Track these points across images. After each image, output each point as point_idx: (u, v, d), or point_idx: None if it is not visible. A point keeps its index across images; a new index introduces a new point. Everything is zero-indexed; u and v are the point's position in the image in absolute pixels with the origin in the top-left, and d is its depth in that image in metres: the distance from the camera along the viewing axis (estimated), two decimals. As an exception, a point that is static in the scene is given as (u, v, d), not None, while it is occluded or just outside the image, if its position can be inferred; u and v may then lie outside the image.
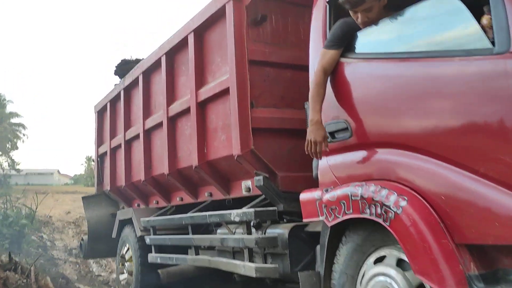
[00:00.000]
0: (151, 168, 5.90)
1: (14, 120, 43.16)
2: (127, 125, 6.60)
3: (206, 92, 4.50)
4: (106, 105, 7.52)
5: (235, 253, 4.36)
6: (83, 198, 7.85)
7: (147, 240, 5.75)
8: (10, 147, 42.18)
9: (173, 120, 5.26)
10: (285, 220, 3.97)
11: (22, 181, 37.85)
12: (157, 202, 6.28)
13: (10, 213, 11.10)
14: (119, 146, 6.92)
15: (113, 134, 7.24)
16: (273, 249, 3.79)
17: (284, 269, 3.66)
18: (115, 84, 7.24)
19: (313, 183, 3.20)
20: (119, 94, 6.88)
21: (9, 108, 42.31)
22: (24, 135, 43.78)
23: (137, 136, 6.25)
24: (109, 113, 7.35)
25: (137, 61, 6.81)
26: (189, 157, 4.89)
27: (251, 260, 3.88)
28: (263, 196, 3.98)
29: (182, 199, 5.60)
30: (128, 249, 6.40)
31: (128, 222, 6.51)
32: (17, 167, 40.76)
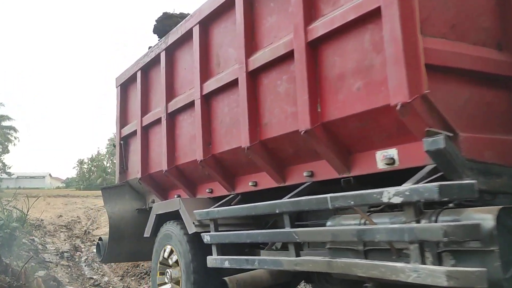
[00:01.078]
0: (211, 145, 4.54)
1: (5, 123, 41.69)
2: (171, 94, 5.24)
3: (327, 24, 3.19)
4: (134, 75, 6.14)
5: (370, 252, 3.04)
6: (103, 189, 6.42)
7: (206, 238, 4.38)
8: (1, 150, 41.03)
9: (254, 75, 3.93)
10: (452, 203, 2.69)
11: (14, 185, 37.55)
12: (211, 191, 4.92)
13: (1, 216, 10.33)
14: (156, 122, 5.55)
15: (145, 109, 5.87)
16: (458, 245, 2.50)
17: (492, 275, 2.36)
18: (150, 47, 5.87)
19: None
20: (157, 57, 5.51)
21: (0, 111, 40.92)
22: (15, 138, 42.66)
23: (188, 106, 4.90)
24: (139, 85, 5.96)
25: (182, 15, 5.48)
26: (287, 121, 3.57)
27: (423, 260, 2.57)
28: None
29: (256, 184, 4.26)
30: (171, 251, 5.00)
31: (170, 216, 5.13)
32: (8, 170, 40.05)
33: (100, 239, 6.41)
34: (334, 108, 3.19)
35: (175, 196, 5.50)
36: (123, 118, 6.60)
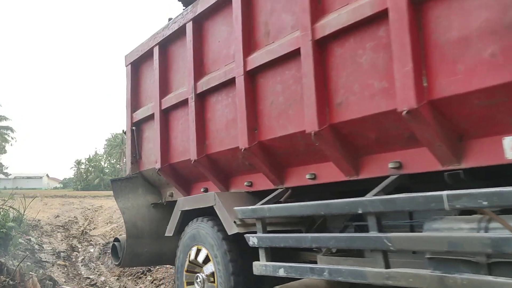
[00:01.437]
0: (257, 130, 3.82)
1: (2, 123, 40.62)
2: (200, 71, 4.50)
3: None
4: (150, 51, 5.37)
5: (497, 266, 2.37)
6: (113, 181, 5.65)
7: (253, 240, 3.69)
8: (-2, 150, 40.33)
9: (323, 44, 3.21)
10: None
11: (11, 185, 37.30)
12: (251, 184, 4.21)
13: (-3, 216, 9.99)
14: (181, 105, 4.80)
15: (165, 90, 5.11)
16: None
17: None
18: (170, 19, 5.11)
19: None
20: (181, 29, 4.75)
21: (-3, 111, 40.27)
22: (12, 138, 41.77)
23: (224, 85, 4.17)
24: (157, 62, 5.19)
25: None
26: (373, 99, 2.87)
27: None
28: None
29: (315, 177, 3.56)
30: (201, 253, 4.30)
31: (199, 213, 4.42)
32: (5, 171, 39.47)
33: (116, 239, 5.65)
34: (449, 82, 2.49)
35: (202, 190, 4.79)
36: (134, 101, 5.83)
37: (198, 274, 4.32)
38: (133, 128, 5.73)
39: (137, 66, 5.81)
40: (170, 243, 5.51)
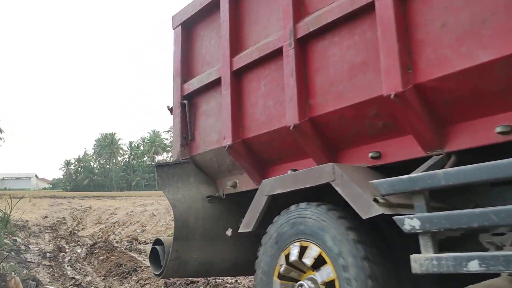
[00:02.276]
0: (411, 70, 2.73)
1: None
2: (301, 10, 3.42)
3: None
4: (212, 3, 4.29)
5: None
6: (158, 166, 4.44)
7: (412, 224, 2.54)
8: (-15, 151, 39.76)
9: None
10: None
11: None
12: (379, 155, 3.09)
13: (-18, 216, 9.78)
14: (264, 60, 3.72)
15: (237, 47, 4.03)
16: None
17: None
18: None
19: None
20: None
21: (-17, 111, 39.53)
22: (0, 138, 40.60)
23: (346, 19, 3.08)
24: (226, 13, 4.10)
25: None
26: None
27: None
28: None
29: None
30: (318, 255, 3.04)
31: (292, 198, 3.26)
32: None
33: (157, 241, 4.40)
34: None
35: (289, 171, 3.63)
36: (186, 69, 4.70)
37: (302, 282, 3.11)
38: (184, 102, 4.57)
39: (189, 26, 4.72)
40: (224, 250, 4.32)
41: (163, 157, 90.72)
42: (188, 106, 4.56)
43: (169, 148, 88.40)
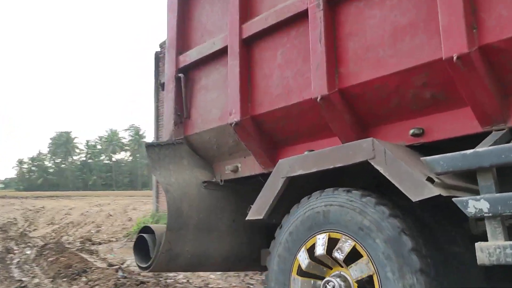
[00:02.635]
0: (476, 29, 2.35)
1: None
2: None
3: None
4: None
5: None
6: (148, 146, 3.91)
7: (478, 206, 2.17)
8: None
9: None
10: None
11: None
12: (421, 132, 2.69)
13: None
14: (283, 25, 3.27)
15: (246, 12, 3.56)
16: None
17: None
18: None
19: None
20: None
21: None
22: None
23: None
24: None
25: None
26: None
27: None
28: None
29: None
30: (352, 247, 2.58)
31: (311, 183, 2.82)
32: None
33: (146, 229, 3.86)
34: None
35: (305, 153, 3.19)
36: (182, 40, 4.19)
37: (329, 278, 2.66)
38: (180, 75, 4.06)
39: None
40: (219, 243, 3.85)
41: (121, 156, 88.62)
42: (184, 80, 4.05)
43: (127, 147, 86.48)
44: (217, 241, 3.85)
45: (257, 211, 3.14)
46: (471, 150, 2.20)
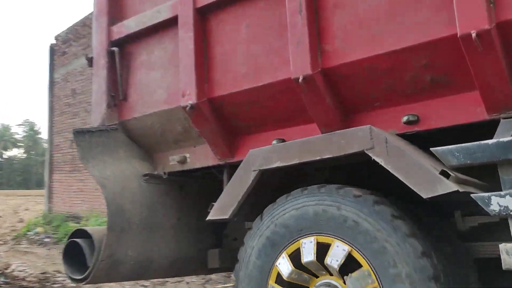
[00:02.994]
0: (494, 5, 2.10)
1: None
2: None
3: None
4: None
5: None
6: (77, 133, 3.26)
7: (504, 203, 1.91)
8: None
9: None
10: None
11: None
12: (416, 119, 2.42)
13: None
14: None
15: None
16: None
17: None
18: None
19: None
20: None
21: None
22: None
23: None
24: None
25: None
26: None
27: None
28: None
29: None
30: (347, 254, 2.21)
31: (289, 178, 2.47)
32: None
33: (79, 233, 3.21)
34: None
35: (274, 142, 2.81)
36: (115, 6, 3.57)
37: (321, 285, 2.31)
38: (114, 49, 3.44)
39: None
40: (163, 245, 3.39)
41: (14, 153, 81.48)
42: (119, 55, 3.44)
43: (20, 144, 79.79)
44: (162, 243, 3.34)
45: (221, 210, 2.68)
46: (493, 140, 1.95)
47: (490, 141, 1.95)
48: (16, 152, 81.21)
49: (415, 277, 2.04)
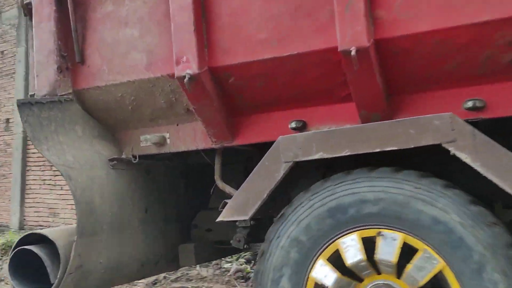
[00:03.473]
0: None
1: None
2: None
3: None
4: None
5: None
6: (22, 104, 2.43)
7: None
8: None
9: None
10: None
11: None
12: (483, 106, 2.10)
13: None
14: None
15: None
16: None
17: None
18: None
19: None
20: None
21: None
22: None
23: None
24: None
25: None
26: None
27: None
28: None
29: None
30: (433, 267, 1.84)
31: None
32: None
33: (26, 239, 2.45)
34: None
35: (292, 125, 2.34)
36: None
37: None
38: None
39: None
40: (132, 245, 2.81)
41: None
42: (72, 3, 2.63)
43: None
44: (131, 243, 2.72)
45: (239, 209, 2.16)
46: None
47: None
48: None
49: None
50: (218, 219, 2.22)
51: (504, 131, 2.15)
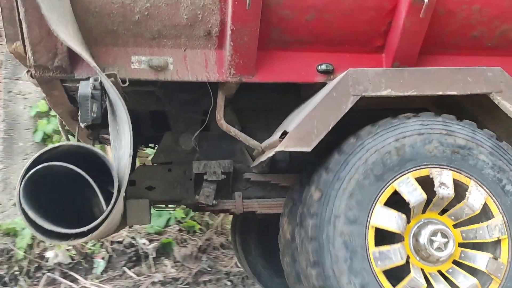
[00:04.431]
0: None
1: None
2: None
3: None
4: None
5: None
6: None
7: None
8: None
9: None
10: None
11: None
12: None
13: None
14: None
15: None
16: None
17: None
18: None
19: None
20: None
21: None
22: None
23: None
24: None
25: None
26: None
27: None
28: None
29: None
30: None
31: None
32: None
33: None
34: None
35: (323, 66, 2.39)
36: None
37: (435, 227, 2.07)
38: None
39: None
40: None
41: None
42: None
43: None
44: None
45: (302, 139, 2.02)
46: None
47: None
48: None
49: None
50: (278, 149, 2.01)
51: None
